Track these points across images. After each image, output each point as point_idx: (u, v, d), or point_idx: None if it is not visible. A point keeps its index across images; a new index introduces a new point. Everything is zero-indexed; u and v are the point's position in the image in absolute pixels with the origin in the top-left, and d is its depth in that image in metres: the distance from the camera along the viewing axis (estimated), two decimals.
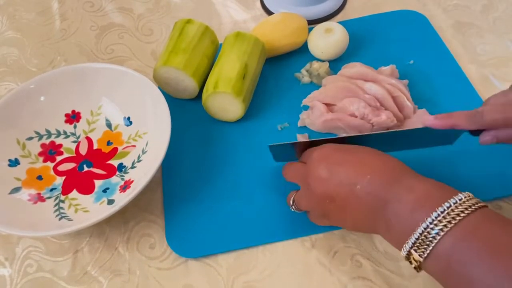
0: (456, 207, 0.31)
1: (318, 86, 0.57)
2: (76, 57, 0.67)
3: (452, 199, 0.31)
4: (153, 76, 0.56)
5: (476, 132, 0.41)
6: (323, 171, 0.38)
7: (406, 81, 0.54)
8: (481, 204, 0.32)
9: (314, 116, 0.52)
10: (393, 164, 0.37)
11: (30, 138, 0.53)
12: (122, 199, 0.44)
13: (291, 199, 0.44)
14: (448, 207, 0.31)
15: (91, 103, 0.56)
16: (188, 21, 0.57)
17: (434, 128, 0.40)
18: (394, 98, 0.52)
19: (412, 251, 0.32)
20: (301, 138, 0.52)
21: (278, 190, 0.49)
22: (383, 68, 0.55)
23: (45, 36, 0.70)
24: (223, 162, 0.52)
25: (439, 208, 0.31)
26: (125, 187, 0.49)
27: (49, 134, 0.54)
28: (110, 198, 0.49)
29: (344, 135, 0.52)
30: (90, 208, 0.49)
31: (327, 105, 0.52)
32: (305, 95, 0.54)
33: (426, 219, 0.31)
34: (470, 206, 0.31)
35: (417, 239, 0.31)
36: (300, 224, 0.46)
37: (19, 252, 0.49)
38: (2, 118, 0.51)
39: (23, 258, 0.49)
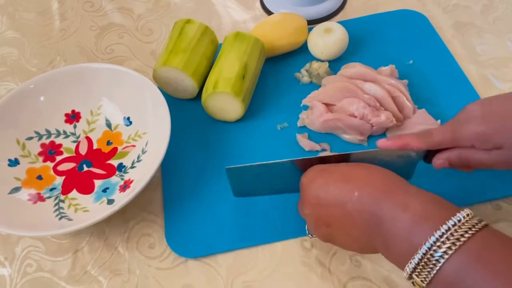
0: (459, 227, 0.29)
1: (317, 86, 0.57)
2: (76, 57, 0.67)
3: (452, 220, 0.30)
4: (153, 76, 0.56)
5: (429, 159, 0.41)
6: (311, 198, 0.37)
7: (405, 81, 0.54)
8: (483, 223, 0.30)
9: (314, 116, 0.52)
10: (381, 175, 0.36)
11: (30, 138, 0.53)
12: (122, 199, 0.44)
13: (306, 229, 0.43)
14: (449, 228, 0.29)
15: (91, 103, 0.56)
16: (188, 21, 0.57)
17: (387, 148, 0.40)
18: (393, 98, 0.52)
19: (414, 276, 0.30)
20: (301, 138, 0.52)
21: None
22: (383, 68, 0.55)
23: (45, 36, 0.70)
24: (222, 162, 0.52)
25: (440, 228, 0.29)
26: (124, 186, 0.49)
27: (49, 134, 0.54)
28: (110, 197, 0.49)
29: (345, 135, 0.52)
30: (90, 208, 0.49)
31: (327, 105, 0.52)
32: (305, 95, 0.54)
33: (426, 241, 0.29)
34: (473, 226, 0.29)
35: (418, 263, 0.30)
36: (300, 224, 0.46)
37: (19, 252, 0.49)
38: (2, 118, 0.51)
39: (22, 258, 0.49)
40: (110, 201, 0.49)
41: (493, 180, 0.47)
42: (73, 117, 0.56)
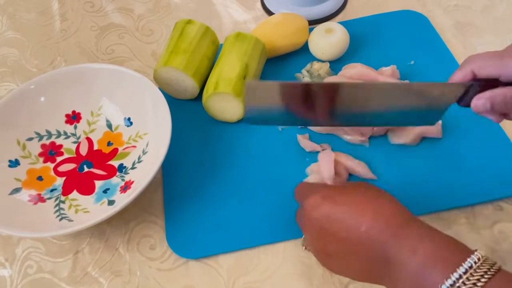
0: (471, 274, 0.28)
1: None
2: (76, 58, 0.67)
3: (463, 266, 0.28)
4: (154, 76, 0.56)
5: (464, 102, 0.38)
6: (314, 226, 0.35)
7: (407, 82, 0.54)
8: (497, 266, 0.29)
9: None
10: (391, 210, 0.33)
11: (30, 139, 0.53)
12: (122, 199, 0.44)
13: (302, 240, 0.41)
14: (461, 276, 0.28)
15: (92, 103, 0.56)
16: (189, 22, 0.57)
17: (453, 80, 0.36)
18: None
19: None
20: (302, 138, 0.52)
21: (279, 190, 0.49)
22: (384, 68, 0.55)
23: (45, 36, 0.70)
24: (223, 162, 0.52)
25: (451, 276, 0.28)
26: (125, 187, 0.49)
27: (49, 134, 0.54)
28: (111, 198, 0.49)
29: (345, 136, 0.52)
30: (90, 209, 0.49)
31: None
32: None
33: None
34: (485, 272, 0.28)
35: None
36: None
37: (19, 253, 0.49)
38: (2, 118, 0.51)
39: (23, 259, 0.49)
40: (111, 202, 0.48)
41: (494, 180, 0.47)
42: (73, 117, 0.56)
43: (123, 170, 0.52)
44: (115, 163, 0.53)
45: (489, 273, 0.28)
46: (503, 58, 0.35)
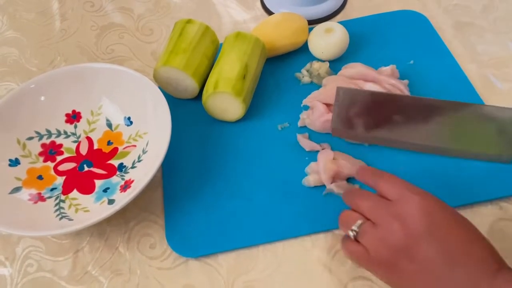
0: None
1: (318, 86, 0.57)
2: (76, 57, 0.67)
3: None
4: (154, 76, 0.56)
5: None
6: (421, 226, 0.33)
7: (406, 81, 0.54)
8: None
9: (314, 116, 0.52)
10: (492, 256, 0.33)
11: (31, 138, 0.53)
12: (122, 199, 0.44)
13: (355, 226, 0.38)
14: None
15: (92, 103, 0.56)
16: (189, 21, 0.58)
17: None
18: None
19: None
20: (302, 138, 0.52)
21: (279, 189, 0.49)
22: (383, 68, 0.55)
23: (45, 36, 0.70)
24: (223, 162, 0.52)
25: None
26: (125, 187, 0.49)
27: (49, 134, 0.54)
28: (111, 198, 0.49)
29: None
30: (90, 208, 0.49)
31: (327, 105, 0.52)
32: (305, 95, 0.54)
33: None
34: None
35: None
36: (300, 224, 0.46)
37: (20, 252, 0.49)
38: (2, 118, 0.51)
39: (23, 258, 0.49)
40: (111, 201, 0.49)
41: (494, 179, 0.47)
42: (73, 117, 0.56)
43: (123, 169, 0.52)
44: (115, 162, 0.53)
45: None
46: None
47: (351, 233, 0.38)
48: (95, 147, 0.54)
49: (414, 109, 0.42)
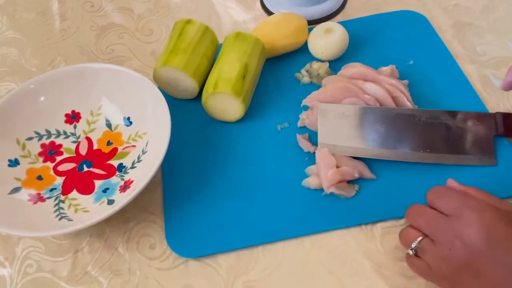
0: None
1: (318, 86, 0.57)
2: (76, 57, 0.67)
3: None
4: (153, 76, 0.56)
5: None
6: (480, 242, 0.33)
7: (406, 81, 0.54)
8: None
9: (314, 116, 0.52)
10: None
11: (30, 138, 0.53)
12: (122, 199, 0.44)
13: (414, 243, 0.38)
14: None
15: (91, 103, 0.56)
16: (188, 21, 0.57)
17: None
18: (394, 99, 0.52)
19: None
20: (301, 138, 0.52)
21: (278, 190, 0.49)
22: (383, 68, 0.55)
23: (45, 36, 0.70)
24: (223, 162, 0.52)
25: None
26: (125, 187, 0.49)
27: (49, 134, 0.54)
28: (110, 198, 0.49)
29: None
30: (90, 208, 0.49)
31: None
32: (305, 95, 0.54)
33: None
34: None
35: None
36: (300, 224, 0.46)
37: (19, 252, 0.49)
38: (2, 118, 0.51)
39: (23, 258, 0.49)
40: (110, 202, 0.48)
41: (494, 179, 0.47)
42: (73, 117, 0.56)
43: (123, 170, 0.52)
44: (114, 162, 0.53)
45: None
46: None
47: (410, 252, 0.39)
48: (95, 147, 0.54)
49: (393, 120, 0.44)
